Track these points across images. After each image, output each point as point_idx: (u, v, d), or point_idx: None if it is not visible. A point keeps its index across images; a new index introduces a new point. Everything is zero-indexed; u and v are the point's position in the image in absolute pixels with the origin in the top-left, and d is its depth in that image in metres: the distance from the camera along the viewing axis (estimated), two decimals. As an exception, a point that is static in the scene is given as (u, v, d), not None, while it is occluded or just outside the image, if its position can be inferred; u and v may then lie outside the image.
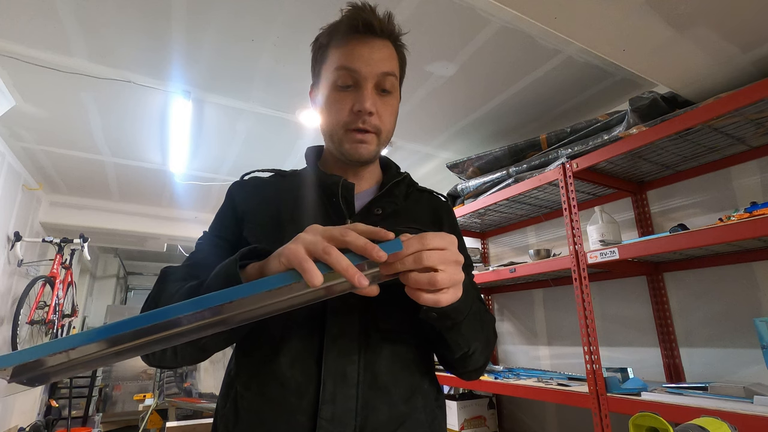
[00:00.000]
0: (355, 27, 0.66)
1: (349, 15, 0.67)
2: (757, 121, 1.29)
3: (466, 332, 0.60)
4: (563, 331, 2.05)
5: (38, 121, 2.40)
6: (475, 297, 0.61)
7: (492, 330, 0.71)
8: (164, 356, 0.58)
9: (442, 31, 1.60)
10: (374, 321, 0.64)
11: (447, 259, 0.50)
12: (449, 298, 0.51)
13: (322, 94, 0.71)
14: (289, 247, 0.47)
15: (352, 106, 0.66)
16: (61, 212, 3.75)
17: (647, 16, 1.14)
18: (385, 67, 0.67)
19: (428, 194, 0.82)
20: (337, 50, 0.68)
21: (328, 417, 0.58)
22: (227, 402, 0.65)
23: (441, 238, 0.50)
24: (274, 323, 0.63)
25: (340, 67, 0.66)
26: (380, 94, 0.68)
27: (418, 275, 0.49)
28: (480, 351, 0.65)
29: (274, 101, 2.15)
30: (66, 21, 1.60)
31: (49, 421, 3.78)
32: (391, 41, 0.70)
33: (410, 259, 0.48)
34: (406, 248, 0.48)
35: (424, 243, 0.49)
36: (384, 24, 0.67)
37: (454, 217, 0.83)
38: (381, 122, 0.68)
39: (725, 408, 1.10)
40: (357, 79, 0.66)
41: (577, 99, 2.01)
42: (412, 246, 0.48)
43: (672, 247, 1.28)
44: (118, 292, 7.32)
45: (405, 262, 0.48)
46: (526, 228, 2.34)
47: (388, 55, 0.68)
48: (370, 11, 0.67)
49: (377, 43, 0.67)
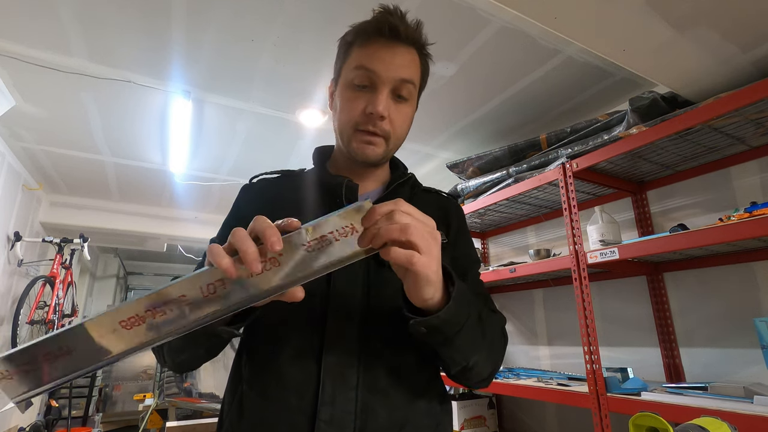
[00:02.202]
0: (381, 30, 0.66)
1: (377, 17, 0.67)
2: (757, 121, 1.29)
3: (462, 346, 0.56)
4: (563, 331, 2.05)
5: (38, 121, 2.40)
6: (473, 303, 0.57)
7: (499, 334, 0.67)
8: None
9: (442, 31, 1.60)
10: (375, 323, 0.63)
11: (419, 230, 0.47)
12: (424, 264, 0.47)
13: (339, 91, 0.71)
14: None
15: (365, 107, 0.65)
16: (61, 212, 3.75)
17: (647, 16, 1.14)
18: (404, 73, 0.66)
19: (435, 194, 0.82)
20: (360, 50, 0.67)
21: (327, 419, 0.57)
22: (234, 398, 0.65)
23: (415, 211, 0.48)
24: (275, 323, 0.63)
25: (359, 67, 0.66)
26: (396, 100, 0.67)
27: (388, 224, 0.45)
28: (482, 362, 0.61)
29: (274, 101, 2.15)
30: (66, 21, 1.60)
31: (49, 421, 3.78)
32: (416, 49, 0.69)
33: (383, 218, 0.45)
34: (377, 208, 0.45)
35: (397, 204, 0.47)
36: (410, 31, 0.67)
37: (462, 217, 0.81)
38: (392, 128, 0.67)
39: (725, 408, 1.10)
40: (374, 80, 0.65)
41: (577, 99, 2.01)
42: (385, 206, 0.46)
43: (672, 247, 1.28)
44: (118, 292, 7.31)
45: (378, 222, 0.45)
46: (526, 228, 2.34)
47: (410, 61, 0.67)
48: (399, 16, 0.66)
49: (400, 49, 0.66)
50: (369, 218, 0.45)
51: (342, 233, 0.44)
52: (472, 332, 0.57)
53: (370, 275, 0.65)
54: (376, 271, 0.65)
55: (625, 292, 1.80)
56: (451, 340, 0.54)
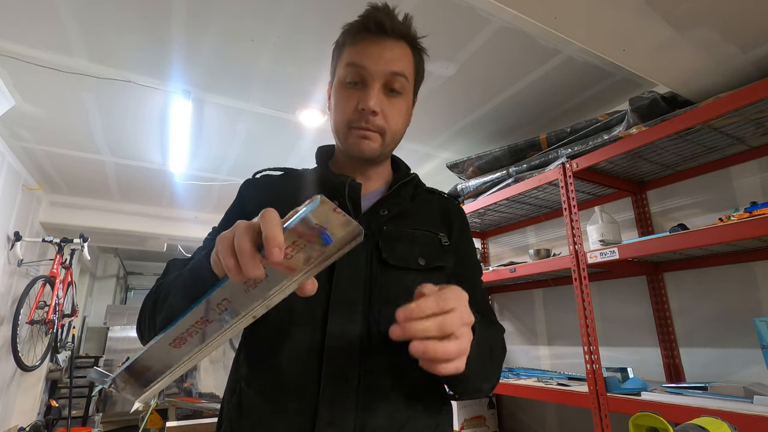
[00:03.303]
0: (367, 26, 0.66)
1: (363, 14, 0.67)
2: (757, 121, 1.29)
3: (475, 382, 0.59)
4: (563, 331, 2.05)
5: (38, 121, 2.40)
6: (484, 343, 0.57)
7: (503, 353, 0.69)
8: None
9: (441, 30, 1.60)
10: (377, 320, 0.63)
11: (463, 321, 0.46)
12: (464, 360, 0.46)
13: (333, 91, 0.71)
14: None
15: (357, 104, 0.66)
16: (61, 212, 3.75)
17: (647, 16, 1.14)
18: (395, 66, 0.66)
19: (438, 196, 0.81)
20: (350, 48, 0.68)
21: (327, 419, 0.57)
22: (232, 396, 0.65)
23: (458, 295, 0.46)
24: (277, 323, 0.63)
25: (349, 64, 0.66)
26: (388, 94, 0.67)
27: (436, 346, 0.43)
28: (489, 386, 0.64)
29: (274, 101, 2.15)
30: (66, 21, 1.60)
31: (49, 421, 3.78)
32: (406, 42, 0.69)
33: (432, 325, 0.43)
34: (420, 309, 0.43)
35: (443, 302, 0.44)
36: (397, 24, 0.67)
37: (465, 220, 0.81)
38: (386, 123, 0.67)
39: (725, 408, 1.10)
40: (364, 76, 0.66)
41: (577, 99, 2.01)
42: (428, 307, 0.43)
43: (672, 247, 1.28)
44: (118, 292, 7.32)
45: (427, 327, 0.43)
46: (526, 228, 2.34)
47: (401, 55, 0.67)
48: (384, 12, 0.66)
49: (389, 43, 0.67)
50: (413, 313, 0.43)
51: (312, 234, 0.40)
52: (485, 369, 0.59)
53: (372, 276, 0.65)
54: (378, 272, 0.65)
55: (625, 292, 1.80)
56: (468, 378, 0.55)
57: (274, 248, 0.36)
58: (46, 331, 3.67)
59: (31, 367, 3.42)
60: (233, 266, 0.39)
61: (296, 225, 0.37)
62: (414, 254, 0.68)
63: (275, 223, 0.37)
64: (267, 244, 0.36)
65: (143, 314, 0.63)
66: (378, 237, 0.67)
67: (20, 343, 3.16)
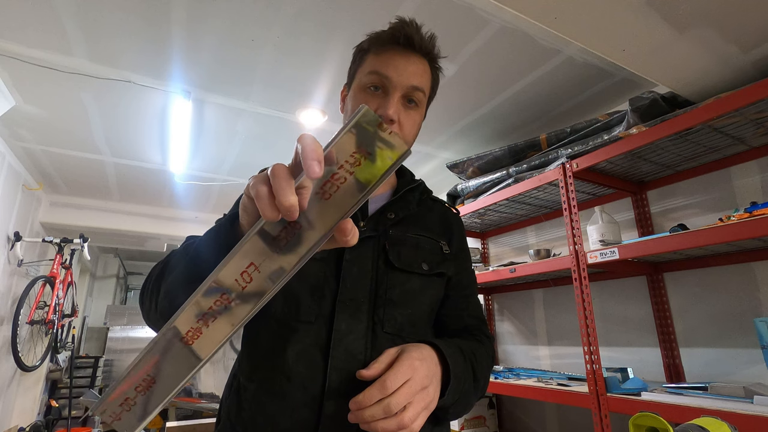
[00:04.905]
0: (396, 39, 0.69)
1: (393, 27, 0.70)
2: (757, 121, 1.29)
3: (457, 409, 0.63)
4: (563, 331, 2.05)
5: (38, 121, 2.40)
6: (467, 371, 0.62)
7: (488, 372, 0.72)
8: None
9: (441, 31, 1.60)
10: (381, 320, 0.65)
11: (413, 391, 0.51)
12: (424, 418, 0.52)
13: (351, 94, 0.73)
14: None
15: (376, 110, 0.67)
16: (61, 212, 3.75)
17: (647, 16, 1.14)
18: (416, 81, 0.69)
19: (441, 204, 0.84)
20: (375, 57, 0.70)
21: (332, 413, 0.58)
22: (230, 393, 0.66)
23: (404, 372, 0.51)
24: (283, 317, 0.64)
25: (373, 72, 0.69)
26: (406, 106, 0.70)
27: (377, 425, 0.49)
28: (473, 405, 0.69)
29: (274, 101, 2.15)
30: (66, 21, 1.60)
31: (49, 421, 3.78)
32: (428, 60, 0.72)
33: (378, 410, 0.49)
34: (367, 399, 0.49)
35: (384, 389, 0.50)
36: (424, 42, 0.70)
37: (463, 232, 0.84)
38: (401, 132, 0.69)
39: (725, 408, 1.10)
40: (386, 85, 0.68)
41: (577, 99, 2.01)
42: (373, 396, 0.49)
43: (672, 247, 1.28)
44: (118, 292, 7.32)
45: (373, 414, 0.49)
46: (526, 228, 2.34)
47: (422, 70, 0.70)
48: (414, 27, 0.69)
49: (414, 58, 0.70)
50: (361, 404, 0.50)
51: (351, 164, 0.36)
52: (467, 398, 0.64)
53: (378, 275, 0.67)
54: (384, 271, 0.68)
55: (625, 292, 1.80)
56: (447, 411, 0.61)
57: (313, 161, 0.32)
58: (46, 332, 3.67)
59: (31, 368, 3.42)
60: (266, 193, 0.34)
61: (339, 140, 0.35)
62: (418, 259, 0.71)
63: (313, 139, 0.34)
64: (305, 157, 0.32)
65: (149, 279, 0.63)
66: (384, 239, 0.69)
67: (20, 343, 3.16)
